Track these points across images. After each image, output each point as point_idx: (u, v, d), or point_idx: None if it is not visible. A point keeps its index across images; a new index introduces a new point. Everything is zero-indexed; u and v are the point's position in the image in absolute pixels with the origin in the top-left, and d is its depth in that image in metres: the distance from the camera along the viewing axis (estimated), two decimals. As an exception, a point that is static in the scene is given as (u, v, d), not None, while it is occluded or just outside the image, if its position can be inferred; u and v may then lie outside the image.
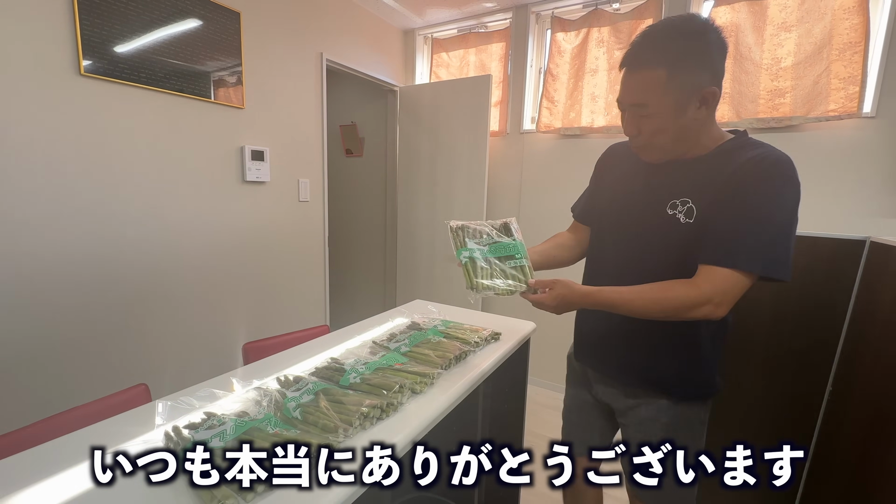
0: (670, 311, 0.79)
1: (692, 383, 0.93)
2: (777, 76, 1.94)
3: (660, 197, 0.88)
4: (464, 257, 0.97)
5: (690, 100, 0.78)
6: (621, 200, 0.97)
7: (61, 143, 1.42)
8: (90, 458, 0.61)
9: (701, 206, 0.81)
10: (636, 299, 0.81)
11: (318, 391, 0.81)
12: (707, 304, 0.76)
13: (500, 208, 2.78)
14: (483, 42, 2.75)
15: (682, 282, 0.79)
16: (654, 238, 0.88)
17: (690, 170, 0.85)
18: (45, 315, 1.43)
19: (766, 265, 0.75)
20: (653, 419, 0.95)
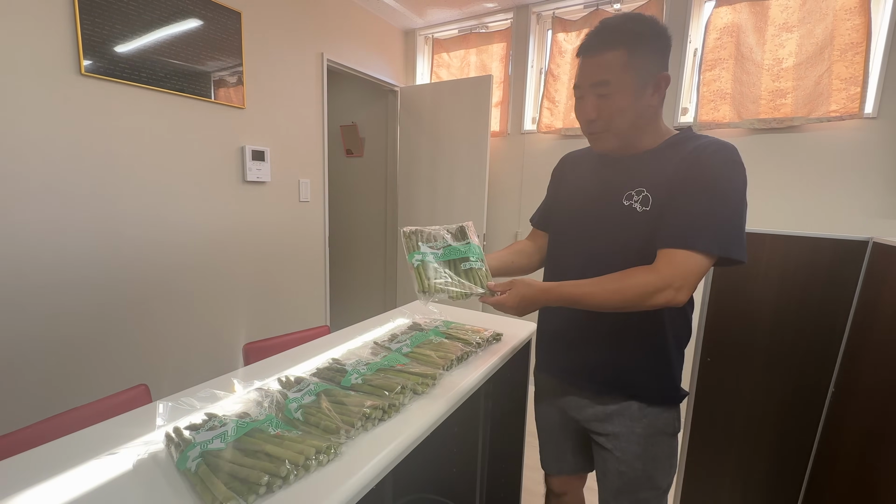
0: (632, 299, 0.77)
1: (661, 384, 0.91)
2: (778, 77, 1.93)
3: (615, 190, 0.89)
4: (415, 261, 0.92)
5: (647, 83, 0.82)
6: (578, 199, 0.98)
7: (62, 143, 1.42)
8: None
9: (656, 194, 0.83)
10: (597, 290, 0.80)
11: (319, 392, 0.81)
12: (668, 288, 0.75)
13: (500, 209, 2.78)
14: (484, 42, 2.74)
15: (642, 268, 0.79)
16: (612, 230, 0.89)
17: (643, 162, 0.88)
18: (45, 315, 1.42)
19: (723, 245, 0.76)
20: (628, 432, 0.92)
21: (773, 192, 2.01)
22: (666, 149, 0.87)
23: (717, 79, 2.06)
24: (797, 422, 1.30)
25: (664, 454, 0.93)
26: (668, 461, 0.94)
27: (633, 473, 0.92)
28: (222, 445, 0.65)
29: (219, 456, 0.63)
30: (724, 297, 1.36)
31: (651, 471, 0.92)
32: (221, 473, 0.60)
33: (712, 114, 2.08)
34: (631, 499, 0.93)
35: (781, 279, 1.28)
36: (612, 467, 0.94)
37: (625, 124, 0.85)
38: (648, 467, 0.92)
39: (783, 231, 1.27)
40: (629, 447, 0.92)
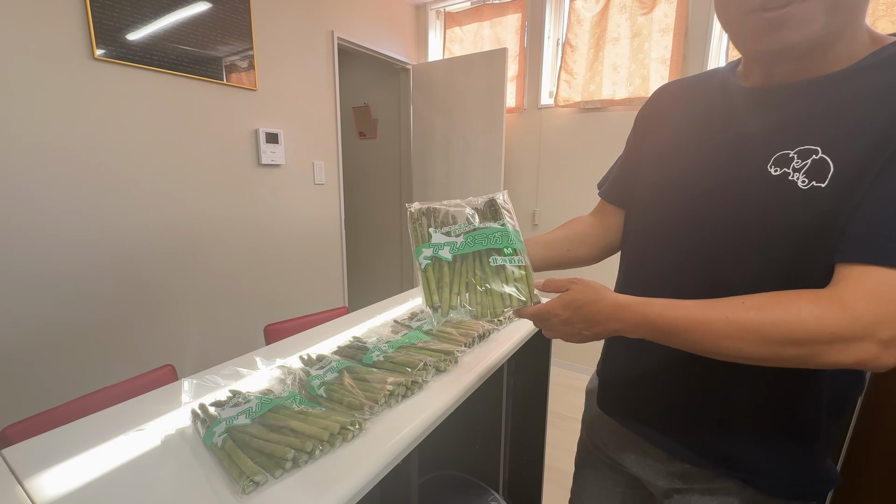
0: (786, 348, 0.43)
1: (793, 468, 0.55)
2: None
3: (757, 147, 0.50)
4: (423, 259, 0.63)
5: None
6: (684, 162, 0.58)
7: (78, 129, 1.43)
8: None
9: (843, 159, 0.44)
10: (717, 320, 0.45)
11: (342, 369, 0.80)
12: (867, 338, 0.40)
13: (517, 189, 2.72)
14: (498, 14, 2.64)
15: (812, 294, 0.43)
16: (743, 219, 0.50)
17: (818, 99, 0.48)
18: (72, 301, 1.46)
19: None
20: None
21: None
22: (870, 70, 0.46)
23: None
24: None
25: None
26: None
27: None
28: (247, 421, 0.65)
29: (244, 431, 0.62)
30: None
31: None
32: (248, 448, 0.60)
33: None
34: None
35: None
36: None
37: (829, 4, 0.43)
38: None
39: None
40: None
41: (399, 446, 0.65)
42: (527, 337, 1.10)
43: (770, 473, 0.55)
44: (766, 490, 0.55)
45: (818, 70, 0.48)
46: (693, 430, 0.59)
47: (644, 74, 2.22)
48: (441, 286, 0.61)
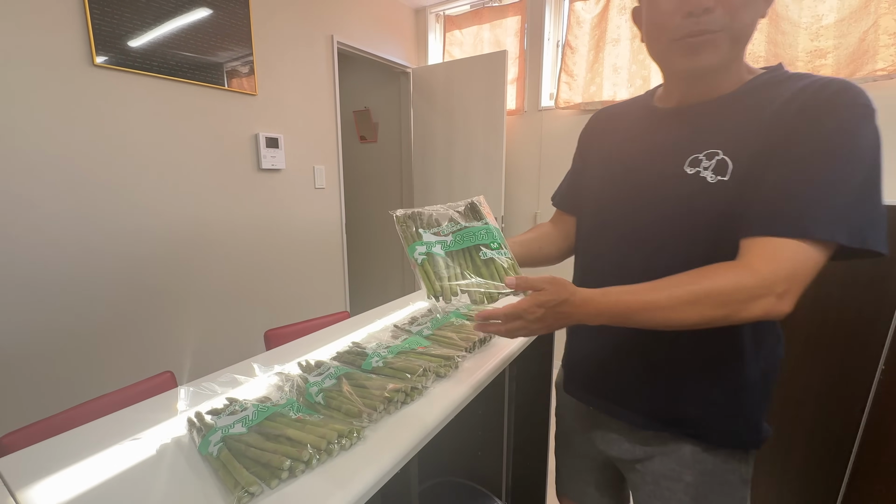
0: (714, 310, 0.53)
1: (730, 424, 0.65)
2: (817, 35, 1.79)
3: (674, 153, 0.63)
4: (418, 255, 0.67)
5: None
6: (619, 172, 0.71)
7: (79, 135, 1.43)
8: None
9: (738, 157, 0.57)
10: (662, 299, 0.54)
11: (340, 375, 0.79)
12: (768, 294, 0.51)
13: (518, 190, 2.71)
14: (497, 16, 2.64)
15: (726, 265, 0.55)
16: (669, 210, 0.62)
17: (717, 112, 0.62)
18: (73, 306, 1.46)
19: (854, 231, 0.50)
20: (674, 478, 0.68)
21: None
22: (751, 92, 0.60)
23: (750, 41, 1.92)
24: (840, 404, 1.22)
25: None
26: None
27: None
28: (244, 430, 0.64)
29: (240, 440, 0.61)
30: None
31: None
32: (243, 458, 0.59)
33: (744, 79, 1.95)
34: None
35: (825, 251, 1.20)
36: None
37: (749, 27, 0.58)
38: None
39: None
40: (674, 496, 0.68)
41: (398, 455, 0.64)
42: (529, 341, 1.09)
43: (716, 429, 0.66)
44: (715, 442, 0.66)
45: (716, 92, 0.63)
46: (648, 399, 0.69)
47: (645, 75, 2.21)
48: (440, 277, 0.66)
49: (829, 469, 1.26)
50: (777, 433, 1.32)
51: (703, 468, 0.67)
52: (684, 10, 0.58)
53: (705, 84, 0.63)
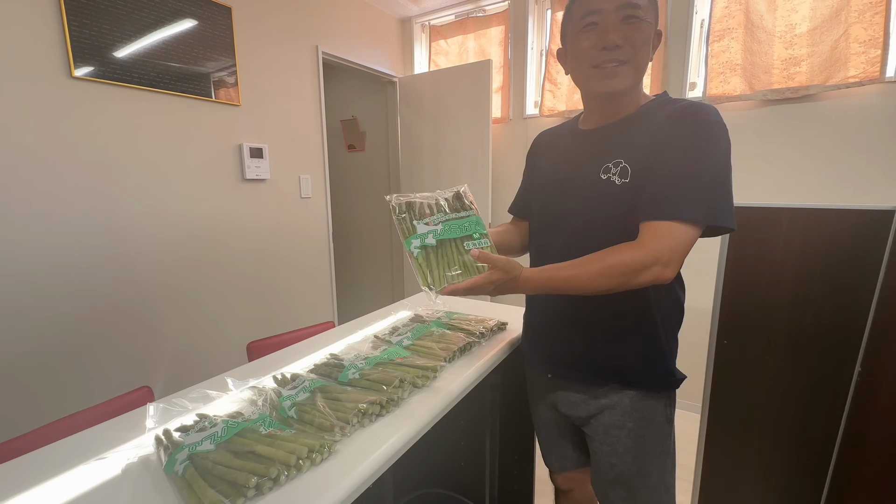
0: (617, 279, 0.71)
1: (653, 370, 0.86)
2: (792, 44, 1.84)
3: (592, 163, 0.83)
4: (415, 248, 0.77)
5: (654, 28, 0.80)
6: (555, 181, 0.92)
7: (57, 147, 1.41)
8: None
9: (634, 164, 0.77)
10: (579, 272, 0.73)
11: (314, 389, 0.78)
12: (654, 264, 0.70)
13: (505, 197, 2.73)
14: (482, 26, 2.67)
15: (625, 245, 0.73)
16: (591, 207, 0.83)
17: (619, 131, 0.83)
18: (48, 319, 1.43)
19: (711, 213, 0.71)
20: (619, 426, 0.88)
21: (788, 166, 1.92)
22: (643, 114, 0.81)
23: (727, 49, 1.96)
24: (822, 404, 1.23)
25: (656, 443, 0.89)
26: (659, 448, 0.90)
27: (623, 466, 0.89)
28: (212, 447, 0.62)
29: (207, 458, 0.60)
30: (739, 276, 1.29)
31: (642, 461, 0.89)
32: (210, 476, 0.57)
33: (722, 87, 1.99)
34: (623, 488, 0.91)
35: (801, 255, 1.21)
36: (604, 460, 0.91)
37: (645, 62, 0.79)
38: (639, 459, 0.89)
39: (801, 204, 1.20)
40: (620, 441, 0.89)
41: (370, 468, 0.63)
42: (510, 349, 1.09)
43: (644, 375, 0.86)
44: (646, 387, 0.87)
45: (620, 115, 0.84)
46: (592, 359, 0.88)
47: (626, 83, 2.24)
48: (431, 269, 0.77)
49: (812, 470, 1.26)
50: (759, 436, 1.33)
51: (640, 415, 0.87)
52: (600, 45, 0.77)
53: (614, 107, 0.84)
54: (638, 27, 0.76)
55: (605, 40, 0.76)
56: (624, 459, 0.88)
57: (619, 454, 0.89)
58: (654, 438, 0.89)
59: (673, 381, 0.88)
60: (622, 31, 0.76)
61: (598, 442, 0.92)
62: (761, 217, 1.25)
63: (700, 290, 2.03)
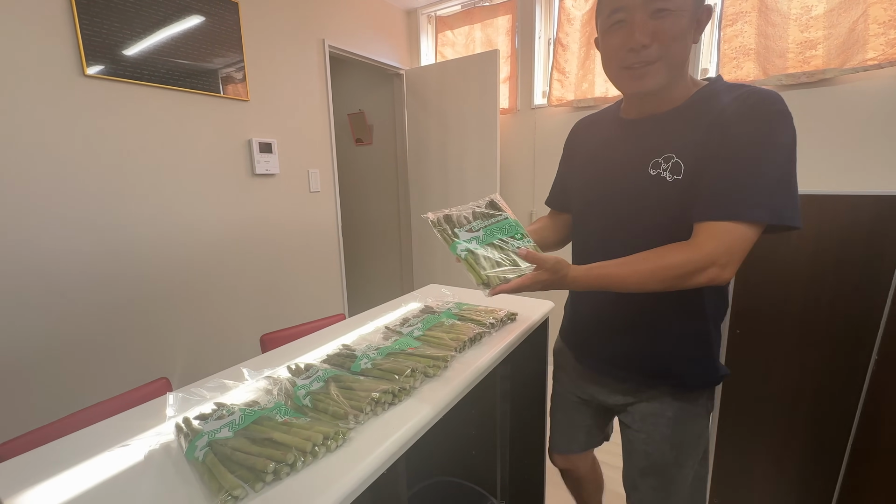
0: (671, 280, 0.69)
1: (700, 369, 0.85)
2: (807, 26, 1.79)
3: (640, 157, 0.79)
4: (461, 251, 0.80)
5: (700, 8, 0.72)
6: (598, 173, 0.89)
7: (71, 146, 1.44)
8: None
9: (687, 159, 0.73)
10: (629, 272, 0.71)
11: (328, 378, 0.79)
12: (712, 265, 0.67)
13: (514, 189, 2.72)
14: (488, 16, 2.64)
15: (680, 245, 0.70)
16: (639, 204, 0.79)
17: (669, 122, 0.78)
18: (68, 314, 1.47)
19: (774, 212, 0.66)
20: (658, 414, 0.88)
21: (803, 152, 1.88)
22: (696, 104, 0.76)
23: (740, 34, 1.92)
24: (836, 394, 1.22)
25: (694, 435, 0.88)
26: (697, 440, 0.89)
27: (659, 455, 0.89)
28: (230, 434, 0.64)
29: (226, 444, 0.62)
30: (754, 264, 1.28)
31: (678, 452, 0.88)
32: (229, 462, 0.59)
33: (735, 72, 1.95)
34: (657, 478, 0.90)
35: (817, 242, 1.19)
36: (640, 448, 0.91)
37: (682, 55, 0.73)
38: (676, 450, 0.88)
39: (818, 190, 1.18)
40: (657, 430, 0.88)
41: (384, 455, 0.64)
42: (520, 340, 1.09)
43: (687, 375, 0.85)
44: (689, 387, 0.86)
45: (667, 106, 0.79)
46: (632, 358, 0.88)
47: (636, 71, 2.21)
48: (482, 267, 0.78)
49: (826, 460, 1.25)
50: (772, 426, 1.32)
51: (680, 405, 0.87)
52: (627, 46, 0.73)
53: (655, 100, 0.80)
54: (668, 21, 0.70)
55: (632, 40, 0.72)
56: (661, 448, 0.88)
57: (657, 442, 0.88)
58: (693, 430, 0.87)
59: (716, 377, 0.86)
60: (651, 27, 0.71)
61: (634, 430, 0.91)
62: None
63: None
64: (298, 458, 0.59)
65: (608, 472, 1.31)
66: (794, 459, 1.31)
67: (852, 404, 1.20)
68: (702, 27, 0.74)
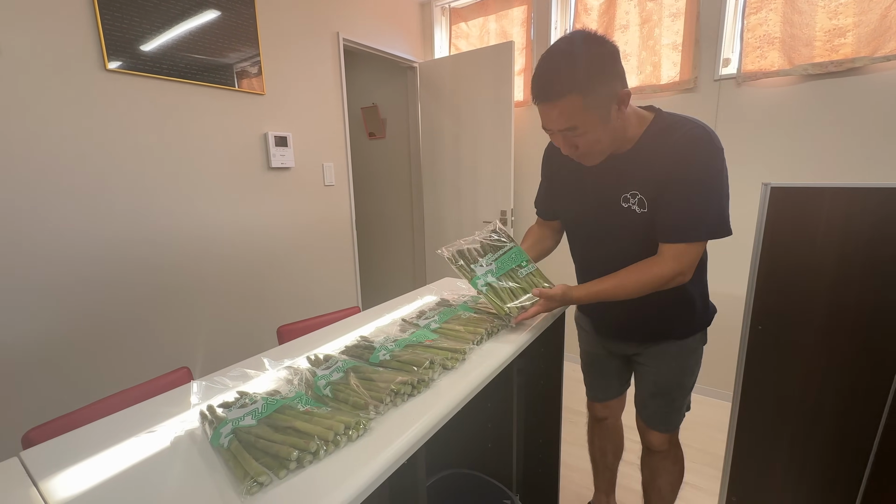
0: (649, 289, 0.96)
1: (691, 322, 1.12)
2: (836, 13, 1.73)
3: (612, 192, 1.01)
4: (482, 287, 1.00)
5: (609, 107, 0.88)
6: (578, 200, 1.10)
7: (92, 140, 1.46)
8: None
9: (648, 195, 0.96)
10: (618, 288, 0.98)
11: (347, 369, 0.80)
12: (677, 275, 0.95)
13: (528, 183, 2.69)
14: (503, 7, 2.61)
15: (652, 262, 0.96)
16: (616, 230, 1.03)
17: (629, 163, 0.98)
18: (92, 307, 1.50)
19: (715, 231, 0.93)
20: (664, 352, 1.15)
21: (831, 144, 1.82)
22: (646, 144, 0.96)
23: (764, 22, 1.86)
24: (861, 394, 1.19)
25: (692, 362, 1.16)
26: (693, 367, 1.17)
27: (664, 381, 1.16)
28: (253, 422, 0.65)
29: (250, 432, 0.63)
30: (776, 260, 1.25)
31: (680, 377, 1.15)
32: (253, 449, 0.60)
33: (758, 62, 1.90)
34: (663, 398, 1.18)
35: (843, 237, 1.16)
36: (650, 378, 1.18)
37: (605, 146, 0.95)
38: (678, 375, 1.15)
39: (845, 183, 1.14)
40: (664, 364, 1.15)
41: (404, 446, 0.64)
42: (537, 333, 1.09)
43: (681, 330, 1.13)
44: (683, 336, 1.13)
45: (623, 147, 0.99)
46: (640, 333, 1.16)
47: (655, 61, 2.16)
48: (503, 300, 1.00)
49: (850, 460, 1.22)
50: (794, 426, 1.29)
51: (680, 345, 1.14)
52: (565, 152, 0.97)
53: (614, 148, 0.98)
54: (583, 138, 0.91)
55: (563, 149, 0.97)
56: (667, 377, 1.15)
57: (664, 374, 1.16)
58: (689, 361, 1.15)
59: (705, 323, 1.14)
60: (573, 142, 0.93)
61: (646, 366, 1.18)
62: (800, 198, 1.19)
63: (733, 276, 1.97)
64: (321, 446, 0.60)
65: (622, 492, 1.31)
66: (816, 460, 1.28)
67: (879, 405, 1.16)
68: (626, 104, 0.91)
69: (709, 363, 2.08)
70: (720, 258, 2.05)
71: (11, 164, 1.30)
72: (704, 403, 2.22)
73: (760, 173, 1.98)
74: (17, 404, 1.36)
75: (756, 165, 1.99)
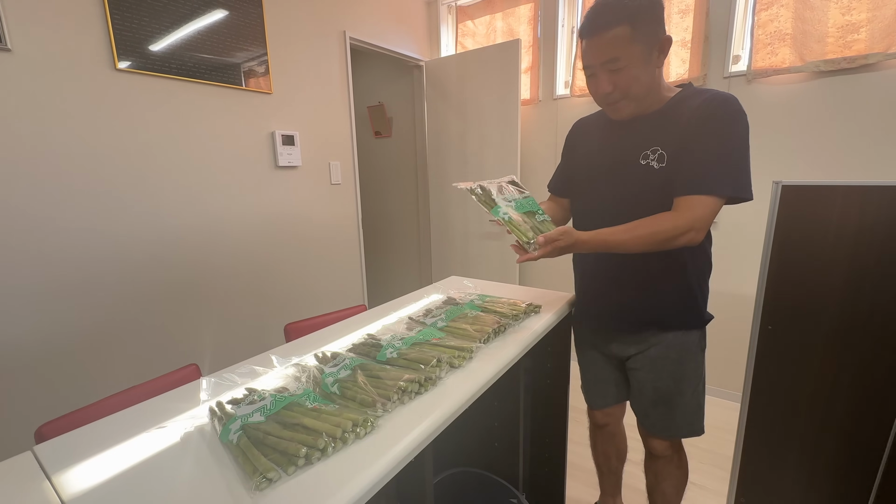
0: (659, 241, 0.91)
1: (689, 314, 1.08)
2: (849, 9, 1.70)
3: (632, 151, 1.00)
4: (503, 215, 0.99)
5: (652, 48, 0.92)
6: (598, 163, 1.10)
7: (101, 139, 1.48)
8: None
9: (669, 151, 0.94)
10: (628, 238, 0.92)
11: (355, 366, 0.80)
12: (690, 230, 0.89)
13: (534, 182, 2.68)
14: (510, 5, 2.60)
15: (666, 215, 0.92)
16: (633, 187, 1.01)
17: (653, 122, 0.99)
18: (102, 304, 1.52)
19: (735, 187, 0.90)
20: (663, 357, 1.10)
21: (843, 142, 1.80)
22: (673, 106, 0.97)
23: (775, 18, 1.84)
24: (874, 398, 1.17)
25: (692, 368, 1.11)
26: (694, 372, 1.12)
27: (665, 387, 1.11)
28: (262, 419, 0.66)
29: (259, 429, 0.63)
30: (787, 259, 1.23)
31: (681, 384, 1.11)
32: (261, 445, 0.60)
33: (769, 59, 1.87)
34: (665, 406, 1.13)
35: (857, 236, 1.14)
36: (649, 385, 1.13)
37: (641, 90, 0.95)
38: (679, 382, 1.11)
39: (858, 181, 1.13)
40: (664, 369, 1.10)
41: (412, 443, 0.64)
42: (543, 332, 1.08)
43: (676, 319, 1.09)
44: (683, 327, 1.09)
45: (649, 109, 1.01)
46: (637, 314, 1.10)
47: (663, 59, 2.14)
48: (524, 230, 0.98)
49: (861, 463, 1.21)
50: (804, 427, 1.27)
51: (680, 347, 1.09)
52: (596, 92, 1.00)
53: (642, 108, 1.00)
54: (622, 74, 0.93)
55: (598, 88, 0.97)
56: (667, 383, 1.11)
57: (663, 379, 1.11)
58: (691, 365, 1.11)
59: (702, 321, 1.11)
60: (611, 79, 0.94)
61: (644, 371, 1.13)
62: (812, 196, 1.18)
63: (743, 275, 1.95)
64: (329, 443, 0.60)
65: (627, 492, 1.32)
66: (827, 461, 1.27)
67: (892, 406, 1.15)
68: (665, 53, 0.94)
69: (717, 363, 2.07)
70: (730, 256, 2.03)
71: (23, 163, 1.32)
72: (712, 404, 2.20)
73: (771, 171, 1.96)
74: (31, 400, 1.38)
75: (767, 163, 1.97)
